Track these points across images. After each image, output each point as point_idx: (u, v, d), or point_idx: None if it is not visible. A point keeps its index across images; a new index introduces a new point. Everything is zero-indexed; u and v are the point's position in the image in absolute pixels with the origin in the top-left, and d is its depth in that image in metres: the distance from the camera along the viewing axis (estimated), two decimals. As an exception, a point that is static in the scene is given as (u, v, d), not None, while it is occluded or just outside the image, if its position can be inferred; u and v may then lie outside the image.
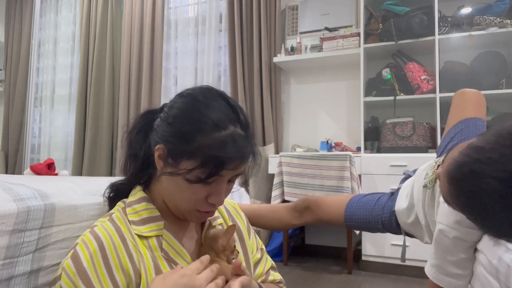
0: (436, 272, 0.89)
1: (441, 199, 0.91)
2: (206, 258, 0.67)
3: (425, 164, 1.22)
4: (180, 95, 0.76)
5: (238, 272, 0.70)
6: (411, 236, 1.28)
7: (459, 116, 1.31)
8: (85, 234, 0.69)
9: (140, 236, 0.72)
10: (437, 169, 1.06)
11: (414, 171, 1.30)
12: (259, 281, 0.88)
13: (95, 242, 0.67)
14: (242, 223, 0.92)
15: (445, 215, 0.85)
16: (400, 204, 1.24)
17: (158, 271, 0.70)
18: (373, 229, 1.33)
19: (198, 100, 0.73)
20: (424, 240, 1.20)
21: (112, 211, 0.77)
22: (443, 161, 1.04)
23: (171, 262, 0.73)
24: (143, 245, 0.71)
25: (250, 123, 0.75)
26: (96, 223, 0.73)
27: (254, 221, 1.46)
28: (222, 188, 0.72)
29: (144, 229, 0.73)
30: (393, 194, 1.32)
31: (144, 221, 0.74)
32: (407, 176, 1.35)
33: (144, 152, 0.77)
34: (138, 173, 0.79)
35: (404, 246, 1.35)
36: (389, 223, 1.28)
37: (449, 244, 0.84)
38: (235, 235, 0.87)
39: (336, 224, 1.39)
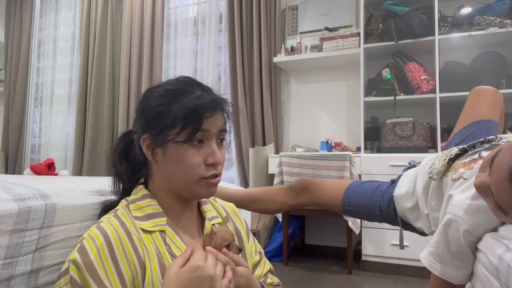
0: (433, 261, 0.88)
1: (456, 192, 0.91)
2: (199, 245, 0.72)
3: (432, 155, 1.20)
4: (143, 94, 0.84)
5: (231, 261, 0.72)
6: (406, 223, 1.26)
7: (472, 116, 1.28)
8: (91, 229, 0.70)
9: (144, 231, 0.74)
10: (447, 162, 1.03)
11: (420, 162, 1.28)
12: None
13: (101, 236, 0.68)
14: (242, 226, 0.93)
15: (460, 208, 0.84)
16: (400, 190, 1.22)
17: (162, 265, 0.71)
18: (370, 215, 1.30)
19: (159, 85, 0.80)
20: (420, 227, 1.19)
21: (116, 208, 0.79)
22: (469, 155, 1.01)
23: (173, 257, 0.74)
24: (148, 239, 0.73)
25: (212, 90, 0.83)
26: (101, 219, 0.74)
27: (249, 205, 1.44)
28: (213, 146, 0.76)
29: (148, 224, 0.75)
30: (394, 182, 1.31)
31: (148, 217, 0.76)
32: (412, 166, 1.33)
33: (128, 164, 0.84)
34: (130, 183, 0.84)
35: (401, 233, 1.31)
36: (387, 210, 1.26)
37: (456, 236, 0.83)
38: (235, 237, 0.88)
39: (332, 208, 1.35)
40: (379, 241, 2.51)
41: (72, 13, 4.13)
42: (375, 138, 2.80)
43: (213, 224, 0.85)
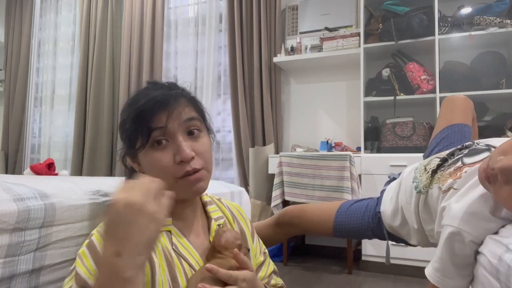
0: (441, 277, 0.87)
1: (450, 202, 0.90)
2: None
3: (410, 167, 1.21)
4: None
5: (239, 263, 0.72)
6: (394, 239, 1.28)
7: (446, 122, 1.34)
8: (100, 225, 0.71)
9: None
10: (431, 174, 1.05)
11: (399, 174, 1.29)
12: None
13: None
14: (246, 226, 0.93)
15: (460, 219, 0.83)
16: (386, 207, 1.23)
17: (169, 263, 0.72)
18: (362, 236, 1.32)
19: (128, 99, 0.80)
20: (411, 242, 1.20)
21: None
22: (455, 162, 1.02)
23: (180, 257, 0.74)
24: None
25: (177, 84, 0.80)
26: None
27: None
28: (179, 143, 0.73)
29: None
30: (379, 198, 1.32)
31: None
32: (392, 179, 1.34)
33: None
34: None
35: (387, 249, 1.34)
36: (377, 228, 1.28)
37: (462, 248, 0.82)
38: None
39: (323, 235, 1.38)
40: (379, 241, 2.50)
41: (72, 14, 4.13)
42: (375, 138, 2.80)
43: (218, 225, 0.85)
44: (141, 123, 0.72)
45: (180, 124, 0.74)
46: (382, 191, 1.32)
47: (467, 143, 1.07)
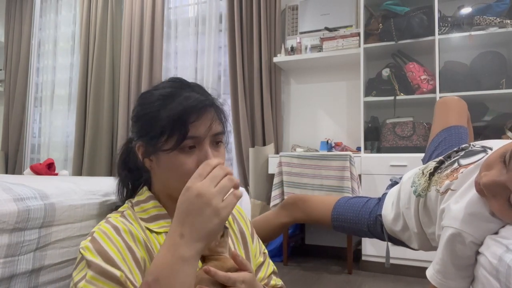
0: (442, 278, 0.87)
1: (449, 203, 0.90)
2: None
3: (410, 171, 1.22)
4: (136, 100, 0.83)
5: (238, 264, 0.72)
6: (394, 241, 1.28)
7: (442, 125, 1.34)
8: (100, 224, 0.72)
9: (151, 231, 0.74)
10: (428, 177, 1.05)
11: (401, 177, 1.30)
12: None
13: (112, 228, 0.70)
14: (246, 227, 0.92)
15: (460, 220, 0.83)
16: (387, 212, 1.24)
17: None
18: (359, 231, 1.33)
19: (149, 91, 0.80)
20: (412, 246, 1.20)
21: (121, 209, 0.79)
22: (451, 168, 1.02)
23: None
24: (153, 241, 0.74)
25: (205, 88, 0.80)
26: (109, 216, 0.75)
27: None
28: (206, 151, 0.73)
29: (154, 226, 0.75)
30: (380, 200, 1.33)
31: (153, 218, 0.76)
32: (394, 183, 1.35)
33: (132, 167, 0.84)
34: (132, 187, 0.86)
35: (387, 251, 1.35)
36: (374, 227, 1.28)
37: (463, 249, 0.82)
38: (240, 239, 0.88)
39: (323, 224, 1.39)
40: (379, 241, 2.50)
41: (72, 13, 4.13)
42: (375, 138, 2.80)
43: None
44: (182, 125, 0.71)
45: (210, 136, 0.75)
46: (384, 194, 1.32)
47: (463, 145, 1.08)
